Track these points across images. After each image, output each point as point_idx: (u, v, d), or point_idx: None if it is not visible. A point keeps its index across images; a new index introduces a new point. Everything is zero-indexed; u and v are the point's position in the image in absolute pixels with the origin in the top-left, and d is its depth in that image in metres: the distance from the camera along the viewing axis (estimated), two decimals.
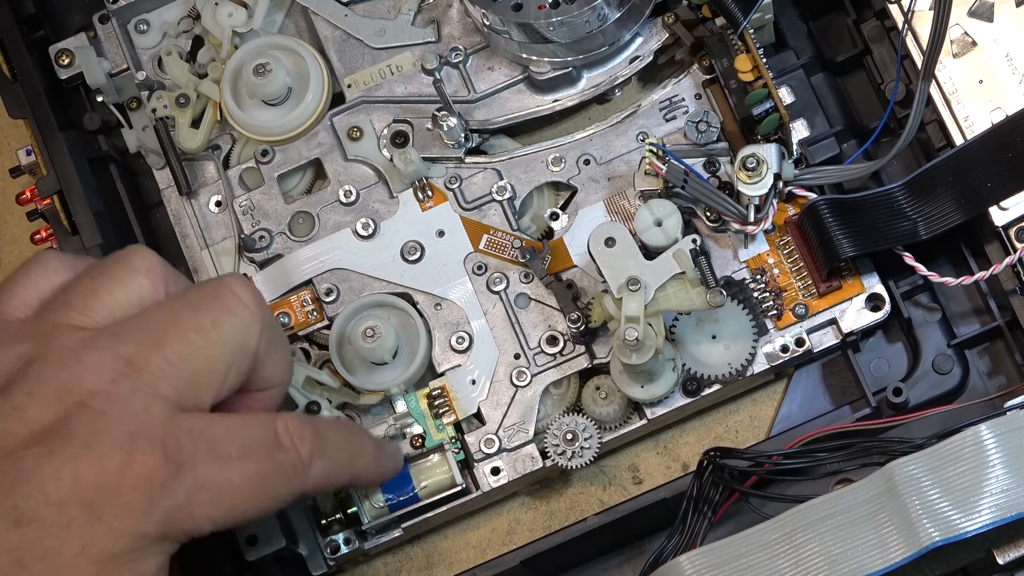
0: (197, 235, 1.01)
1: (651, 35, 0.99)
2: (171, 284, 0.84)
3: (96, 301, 0.82)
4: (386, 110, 1.00)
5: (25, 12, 1.03)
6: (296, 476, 0.82)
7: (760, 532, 0.81)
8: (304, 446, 0.82)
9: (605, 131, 0.99)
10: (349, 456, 0.87)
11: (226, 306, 0.82)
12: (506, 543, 0.98)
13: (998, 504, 0.78)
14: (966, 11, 0.94)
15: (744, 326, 0.94)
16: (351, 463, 0.87)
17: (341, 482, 0.87)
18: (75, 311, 0.81)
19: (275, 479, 0.81)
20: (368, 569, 0.99)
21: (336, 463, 0.85)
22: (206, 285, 0.85)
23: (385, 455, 0.92)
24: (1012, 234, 0.91)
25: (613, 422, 0.95)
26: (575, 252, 0.97)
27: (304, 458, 0.82)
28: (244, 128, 1.00)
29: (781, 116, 0.93)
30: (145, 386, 0.78)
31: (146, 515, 0.76)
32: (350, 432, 0.89)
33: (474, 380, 0.96)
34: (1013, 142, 0.89)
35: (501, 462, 0.95)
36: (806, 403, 0.97)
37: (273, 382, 0.85)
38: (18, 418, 0.77)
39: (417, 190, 0.99)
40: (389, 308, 0.97)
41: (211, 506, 0.78)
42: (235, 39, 1.01)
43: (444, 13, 1.01)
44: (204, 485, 0.77)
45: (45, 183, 1.00)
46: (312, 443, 0.82)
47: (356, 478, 0.88)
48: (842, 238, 0.92)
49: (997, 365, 0.96)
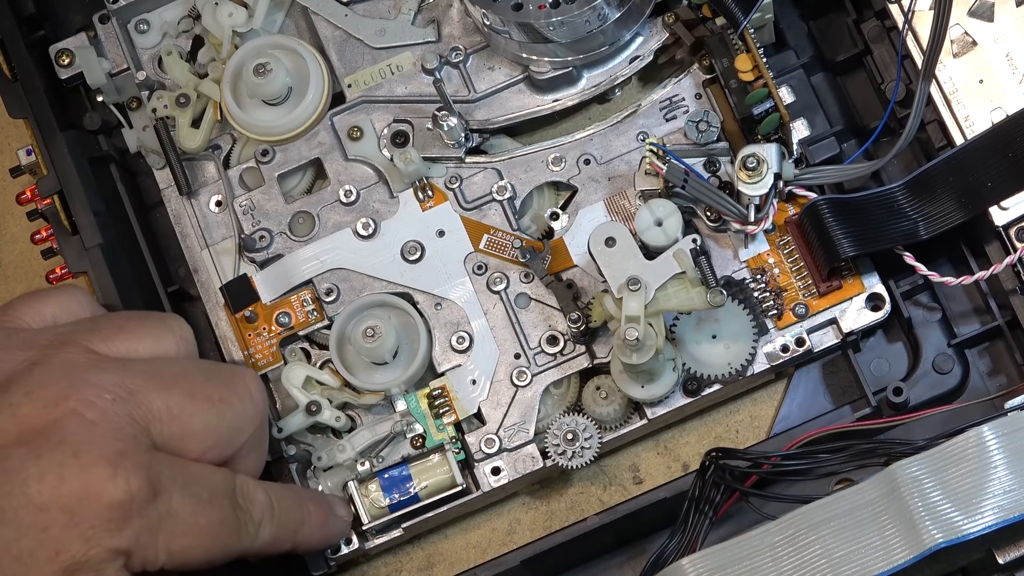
0: (197, 235, 1.01)
1: (651, 35, 0.99)
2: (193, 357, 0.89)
3: (121, 337, 0.85)
4: (386, 110, 1.00)
5: (25, 12, 1.03)
6: (247, 535, 0.84)
7: (763, 534, 0.81)
8: (255, 509, 0.85)
9: (605, 131, 0.99)
10: (296, 524, 0.89)
11: (236, 391, 0.86)
12: (506, 543, 0.99)
13: (1001, 505, 0.78)
14: (966, 11, 0.94)
15: (744, 326, 0.94)
16: (296, 531, 0.89)
17: (285, 548, 0.89)
18: (97, 337, 0.84)
19: (231, 531, 0.83)
20: (368, 569, 0.99)
21: (283, 529, 0.87)
22: (223, 366, 0.91)
23: (332, 520, 0.93)
24: (1012, 234, 0.91)
25: (613, 422, 0.95)
26: (575, 252, 0.97)
27: (255, 519, 0.85)
28: (244, 128, 1.00)
29: (781, 116, 0.93)
30: (139, 418, 0.81)
31: (120, 530, 0.77)
32: (299, 500, 0.91)
33: (474, 380, 0.96)
34: (1013, 142, 0.90)
35: (501, 462, 0.95)
36: (806, 403, 0.97)
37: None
38: (12, 415, 0.78)
39: (417, 190, 0.99)
40: (389, 308, 0.97)
41: (174, 538, 0.80)
42: (235, 39, 1.01)
43: (444, 13, 1.01)
44: (174, 516, 0.80)
45: (45, 183, 1.00)
46: (263, 507, 0.85)
47: (299, 545, 0.90)
48: (842, 238, 0.92)
49: (997, 365, 0.96)
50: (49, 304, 0.87)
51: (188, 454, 0.83)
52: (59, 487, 0.76)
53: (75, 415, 0.78)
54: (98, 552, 0.77)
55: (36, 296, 0.88)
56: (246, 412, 0.86)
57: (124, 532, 0.77)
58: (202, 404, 0.83)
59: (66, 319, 0.87)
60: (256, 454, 0.89)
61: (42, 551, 0.76)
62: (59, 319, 0.87)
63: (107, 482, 0.77)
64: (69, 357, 0.81)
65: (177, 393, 0.82)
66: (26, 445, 0.77)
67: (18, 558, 0.76)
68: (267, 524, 0.85)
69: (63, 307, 0.88)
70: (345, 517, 0.94)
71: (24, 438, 0.77)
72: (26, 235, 1.05)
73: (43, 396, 0.78)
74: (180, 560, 0.80)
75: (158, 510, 0.79)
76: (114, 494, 0.77)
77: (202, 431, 0.83)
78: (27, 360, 0.80)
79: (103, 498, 0.77)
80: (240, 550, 0.84)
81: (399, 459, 0.96)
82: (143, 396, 0.81)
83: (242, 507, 0.84)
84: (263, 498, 0.86)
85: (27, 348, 0.82)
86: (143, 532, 0.78)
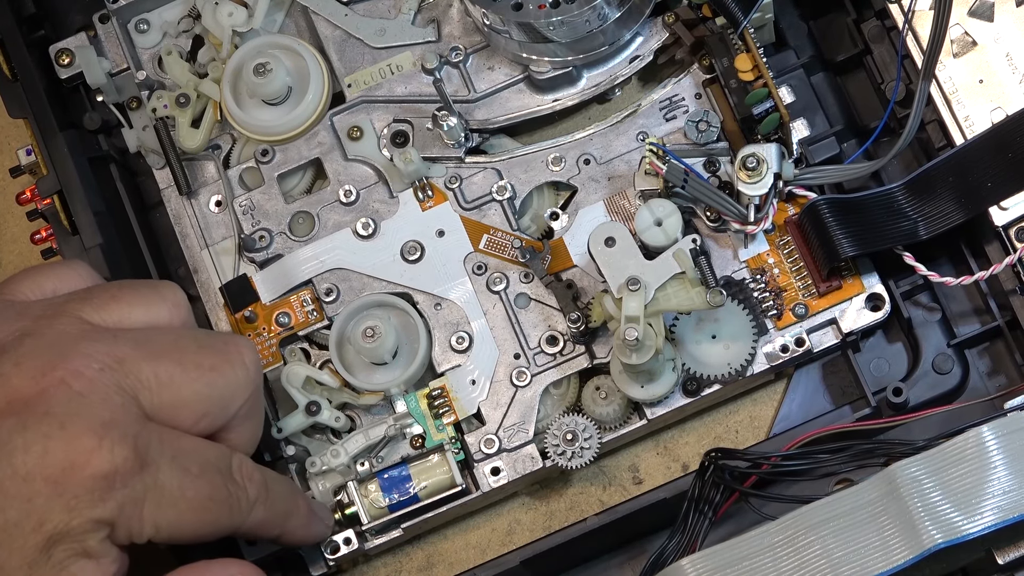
0: (197, 235, 1.01)
1: (651, 34, 0.99)
2: (188, 325, 0.87)
3: (114, 306, 0.84)
4: (386, 110, 1.00)
5: (25, 12, 1.03)
6: (239, 512, 0.84)
7: (762, 535, 0.81)
8: (252, 487, 0.84)
9: (605, 131, 0.99)
10: (285, 512, 0.88)
11: (228, 359, 0.85)
12: (506, 543, 0.99)
13: (1000, 506, 0.78)
14: (966, 11, 0.94)
15: (744, 326, 0.94)
16: (285, 519, 0.89)
17: (272, 534, 0.88)
18: (89, 307, 0.83)
19: (222, 507, 0.83)
20: (368, 569, 0.99)
21: (274, 514, 0.87)
22: (218, 334, 0.89)
23: (316, 520, 0.93)
24: (1012, 234, 0.91)
25: (613, 422, 0.95)
26: (575, 252, 0.97)
27: (250, 498, 0.84)
28: (244, 128, 1.00)
29: (781, 116, 0.93)
30: (128, 387, 0.80)
31: (103, 500, 0.77)
32: (291, 491, 0.90)
33: (474, 380, 0.96)
34: (1013, 142, 0.90)
35: (501, 462, 0.95)
36: (806, 403, 0.97)
37: (236, 448, 0.87)
38: (1, 386, 0.77)
39: (417, 190, 0.99)
40: (389, 308, 0.97)
41: (160, 511, 0.79)
42: (235, 39, 1.01)
43: (444, 13, 1.01)
44: (161, 488, 0.79)
45: (45, 183, 1.00)
46: (259, 487, 0.85)
47: (285, 534, 0.89)
48: (842, 238, 0.92)
49: (997, 365, 0.96)
50: (50, 278, 0.87)
51: (180, 423, 0.82)
52: (44, 458, 0.76)
53: (63, 385, 0.78)
54: (80, 522, 0.76)
55: (38, 270, 0.87)
56: (238, 380, 0.85)
57: (108, 503, 0.77)
58: (192, 372, 0.82)
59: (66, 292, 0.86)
60: (251, 422, 0.88)
61: (27, 521, 0.76)
62: (59, 292, 0.86)
63: (92, 452, 0.77)
64: (60, 328, 0.81)
65: (167, 362, 0.82)
66: (14, 416, 0.77)
67: (3, 528, 0.76)
68: (260, 505, 0.85)
69: (64, 281, 0.87)
70: (328, 523, 0.94)
71: (12, 409, 0.77)
72: (26, 235, 1.05)
73: (31, 367, 0.78)
74: (167, 533, 0.80)
75: (144, 481, 0.78)
76: (98, 465, 0.77)
77: (192, 399, 0.82)
78: (19, 331, 0.81)
79: (87, 469, 0.77)
80: (230, 527, 0.84)
81: (399, 459, 0.96)
82: (131, 365, 0.80)
83: (238, 483, 0.83)
84: (259, 478, 0.85)
85: (20, 319, 0.82)
86: (128, 503, 0.78)
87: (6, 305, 0.84)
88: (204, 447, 0.83)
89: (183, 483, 0.80)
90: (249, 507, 0.84)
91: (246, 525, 0.85)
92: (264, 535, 0.88)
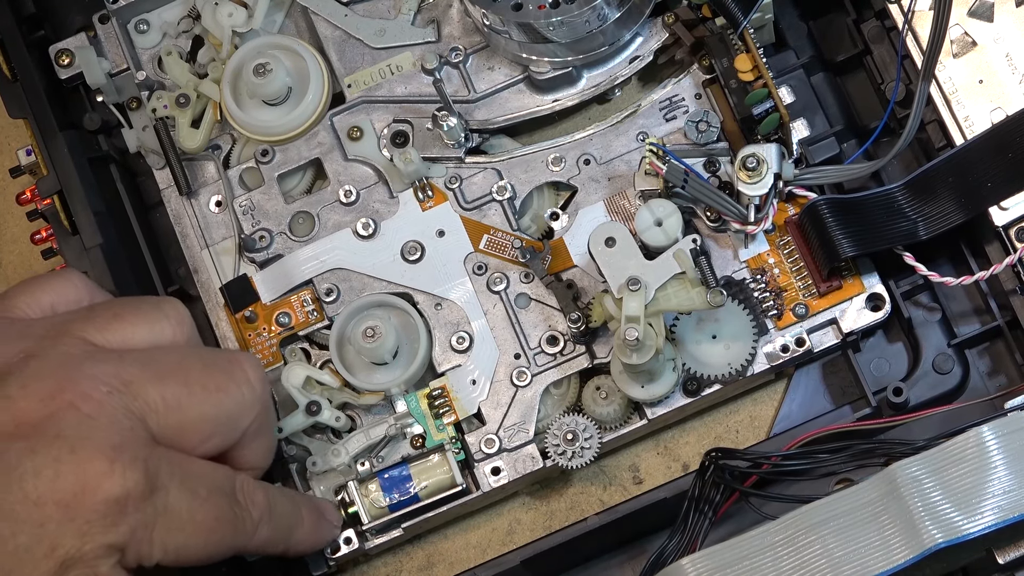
0: (197, 235, 1.01)
1: (651, 35, 0.99)
2: (192, 342, 0.87)
3: (117, 325, 0.84)
4: (386, 110, 1.00)
5: (25, 12, 1.03)
6: (244, 533, 0.84)
7: (763, 534, 0.81)
8: (255, 509, 0.85)
9: (605, 131, 0.99)
10: (290, 527, 0.89)
11: (234, 378, 0.85)
12: (506, 543, 0.99)
13: (1000, 505, 0.78)
14: (966, 11, 0.94)
15: (744, 326, 0.94)
16: (290, 534, 0.89)
17: (278, 550, 0.89)
18: (92, 327, 0.83)
19: (228, 528, 0.83)
20: (368, 569, 0.99)
21: (278, 531, 0.87)
22: (222, 353, 0.89)
23: (322, 525, 0.93)
24: (1012, 234, 0.91)
25: (613, 422, 0.95)
26: (575, 252, 0.97)
27: (255, 518, 0.84)
28: (244, 128, 1.00)
29: (781, 116, 0.93)
30: (136, 410, 0.80)
31: (115, 525, 0.77)
32: (294, 504, 0.90)
33: (474, 380, 0.96)
34: (1013, 142, 0.90)
35: (501, 462, 0.95)
36: (806, 403, 0.97)
37: (250, 465, 0.88)
38: (7, 409, 0.78)
39: (417, 190, 0.99)
40: (389, 308, 0.97)
41: (169, 534, 0.79)
42: (235, 39, 1.01)
43: (444, 13, 1.01)
44: (170, 512, 0.79)
45: (45, 183, 1.00)
46: (262, 507, 0.85)
47: (291, 548, 0.90)
48: (842, 238, 0.92)
49: (997, 365, 0.96)
50: (47, 292, 0.86)
51: (187, 445, 0.82)
52: (55, 482, 0.76)
53: (71, 409, 0.78)
54: (92, 547, 0.76)
55: (34, 283, 0.87)
56: (244, 400, 0.85)
57: (119, 527, 0.77)
58: (198, 394, 0.83)
59: (64, 306, 0.86)
60: (263, 439, 0.88)
61: (39, 547, 0.76)
62: (57, 307, 0.86)
63: (103, 477, 0.77)
64: (65, 349, 0.81)
65: (173, 383, 0.82)
66: (22, 439, 0.77)
67: (14, 553, 0.75)
68: (265, 525, 0.85)
69: (60, 294, 0.87)
70: (335, 523, 0.94)
71: (21, 432, 0.77)
72: (26, 235, 1.05)
73: (39, 389, 0.78)
74: (176, 556, 0.80)
75: (154, 505, 0.78)
76: (110, 489, 0.77)
77: (199, 421, 0.83)
78: (23, 352, 0.80)
79: (99, 493, 0.77)
80: (236, 548, 0.84)
81: (399, 459, 0.96)
82: (139, 387, 0.80)
83: (242, 505, 0.84)
84: (262, 498, 0.85)
85: (23, 339, 0.81)
86: (139, 527, 0.78)
87: (6, 324, 0.84)
88: (209, 469, 0.83)
89: (192, 506, 0.80)
90: (254, 528, 0.84)
91: (252, 545, 0.85)
92: (269, 552, 0.88)
